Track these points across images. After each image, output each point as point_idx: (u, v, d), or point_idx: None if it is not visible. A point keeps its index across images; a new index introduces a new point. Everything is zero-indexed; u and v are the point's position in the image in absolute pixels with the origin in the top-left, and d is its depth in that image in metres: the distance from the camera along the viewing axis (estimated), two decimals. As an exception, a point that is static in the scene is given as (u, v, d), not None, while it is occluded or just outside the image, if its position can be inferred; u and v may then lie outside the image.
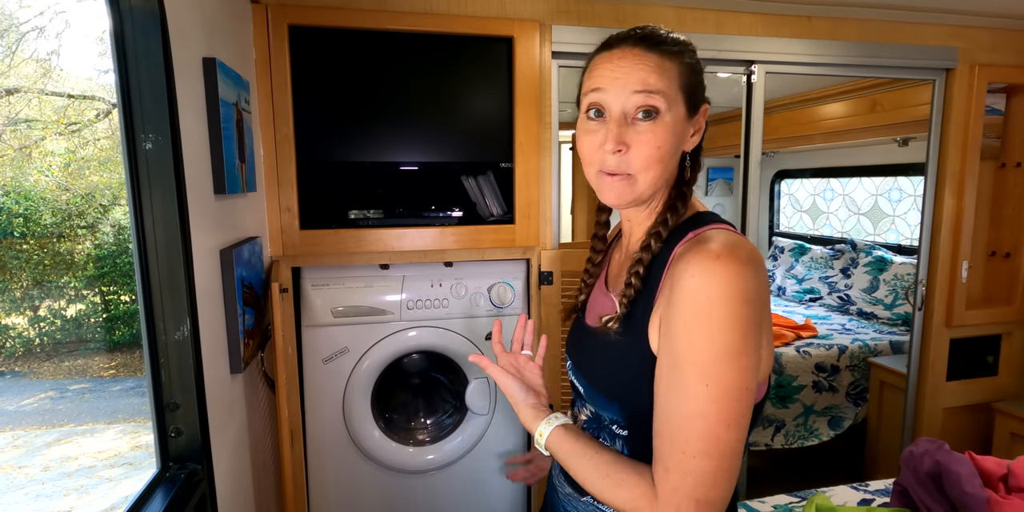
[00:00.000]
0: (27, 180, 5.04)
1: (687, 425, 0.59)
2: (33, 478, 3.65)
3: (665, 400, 0.62)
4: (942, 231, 1.95)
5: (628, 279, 0.70)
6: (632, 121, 0.67)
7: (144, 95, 0.83)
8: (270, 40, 1.45)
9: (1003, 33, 1.91)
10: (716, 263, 0.59)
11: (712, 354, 0.58)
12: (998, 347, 2.10)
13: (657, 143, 0.66)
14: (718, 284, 0.58)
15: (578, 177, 3.75)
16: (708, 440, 0.58)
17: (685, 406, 0.59)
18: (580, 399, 0.81)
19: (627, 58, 0.67)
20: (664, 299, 0.64)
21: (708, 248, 0.61)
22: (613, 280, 0.81)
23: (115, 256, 5.09)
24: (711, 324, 0.58)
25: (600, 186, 0.71)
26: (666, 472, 0.60)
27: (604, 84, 0.68)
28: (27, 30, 5.09)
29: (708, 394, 0.58)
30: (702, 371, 0.59)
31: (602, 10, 1.65)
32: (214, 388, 1.00)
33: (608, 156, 0.67)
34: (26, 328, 5.02)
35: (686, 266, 0.61)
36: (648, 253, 0.70)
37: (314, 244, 1.55)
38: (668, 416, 0.61)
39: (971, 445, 2.12)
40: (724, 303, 0.58)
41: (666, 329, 0.62)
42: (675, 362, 0.60)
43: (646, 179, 0.68)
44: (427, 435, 1.78)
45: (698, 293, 0.59)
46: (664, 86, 0.66)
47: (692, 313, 0.59)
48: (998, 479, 1.18)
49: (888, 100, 2.44)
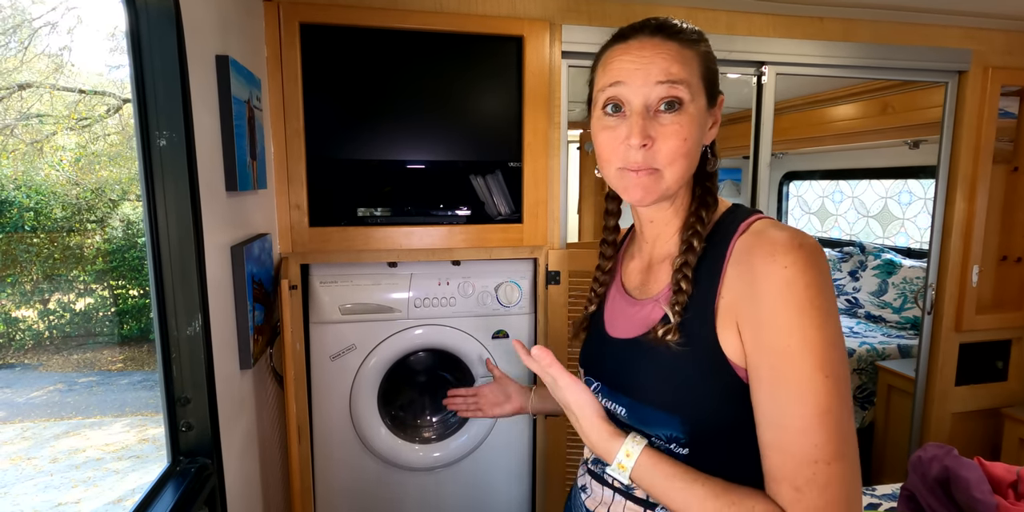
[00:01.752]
0: (38, 174, 5.09)
1: (813, 427, 0.53)
2: (42, 469, 3.70)
3: (773, 407, 0.56)
4: (953, 235, 1.94)
5: (677, 284, 0.64)
6: (655, 114, 0.63)
7: (159, 92, 0.84)
8: (281, 38, 1.46)
9: (1018, 35, 1.89)
10: (802, 251, 0.56)
11: (825, 344, 0.54)
12: (1008, 352, 2.08)
13: (683, 135, 0.63)
14: (812, 272, 0.56)
15: (586, 177, 3.74)
16: (839, 439, 0.53)
17: (806, 407, 0.54)
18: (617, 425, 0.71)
19: (646, 48, 0.64)
20: (735, 297, 0.60)
21: (785, 237, 0.58)
22: (638, 288, 0.74)
23: (124, 251, 5.13)
24: (817, 313, 0.55)
25: (624, 183, 0.66)
26: (798, 492, 0.54)
27: (623, 77, 0.64)
28: (39, 26, 5.13)
29: (828, 387, 0.54)
30: (820, 363, 0.54)
31: (612, 10, 1.65)
32: (224, 383, 1.01)
33: (632, 151, 0.63)
34: (36, 321, 5.07)
35: (771, 258, 0.57)
36: (694, 254, 0.65)
37: (323, 241, 1.56)
38: (782, 424, 0.55)
39: (980, 451, 2.10)
40: (821, 290, 0.55)
41: (759, 328, 0.57)
42: (784, 360, 0.55)
43: (673, 174, 0.64)
44: (433, 433, 1.79)
45: (796, 283, 0.55)
46: (687, 75, 0.63)
47: (796, 305, 0.55)
48: (1007, 485, 1.18)
49: (899, 102, 2.42)
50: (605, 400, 0.72)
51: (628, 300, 0.75)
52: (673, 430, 0.64)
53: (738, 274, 0.60)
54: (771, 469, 0.56)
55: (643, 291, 0.73)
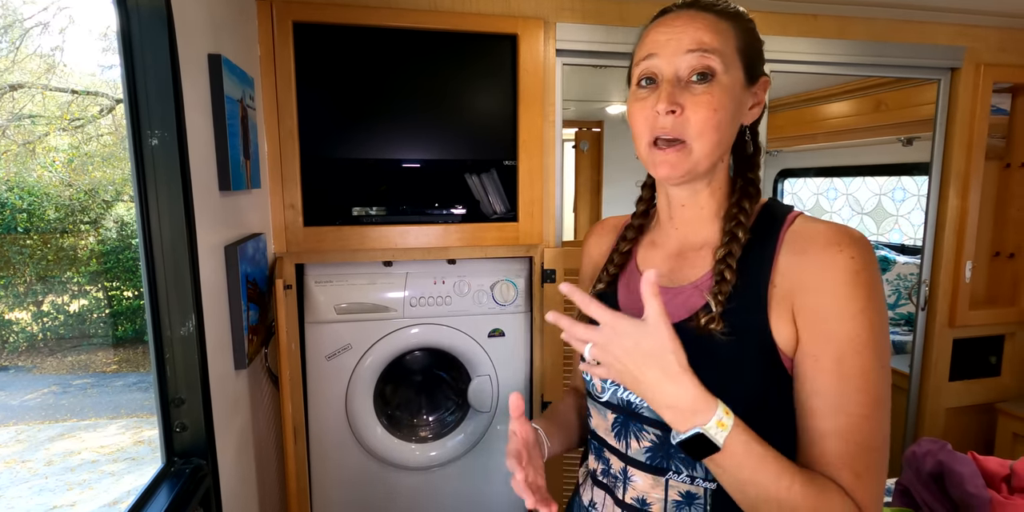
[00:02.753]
0: (31, 175, 5.05)
1: (873, 416, 0.55)
2: (36, 472, 3.67)
3: (838, 395, 0.56)
4: (946, 231, 1.95)
5: (720, 274, 0.63)
6: (687, 84, 0.62)
7: (150, 92, 0.83)
8: (275, 37, 1.45)
9: (1011, 33, 1.90)
10: (863, 244, 0.58)
11: (885, 335, 0.57)
12: (1001, 348, 2.10)
13: (714, 106, 0.61)
14: (873, 265, 0.57)
15: (581, 176, 3.75)
16: (885, 429, 0.56)
17: (869, 395, 0.55)
18: (636, 420, 0.67)
19: (680, 19, 0.64)
20: (791, 286, 0.60)
21: (845, 229, 0.59)
22: (667, 276, 0.71)
23: (118, 252, 5.10)
24: (879, 305, 0.57)
25: (652, 159, 0.65)
26: (859, 478, 0.55)
27: (656, 49, 0.64)
28: (31, 25, 5.09)
29: (884, 377, 0.56)
30: (880, 354, 0.56)
31: (606, 8, 1.64)
32: (219, 384, 1.00)
33: (660, 118, 0.62)
34: (29, 323, 5.03)
35: (837, 248, 0.58)
36: (739, 245, 0.64)
37: (318, 241, 1.56)
38: (848, 412, 0.56)
39: (973, 445, 2.11)
40: (879, 282, 0.57)
41: (824, 318, 0.57)
42: (852, 350, 0.56)
43: (702, 147, 0.62)
44: (429, 432, 1.79)
45: (862, 274, 0.56)
46: (719, 45, 0.62)
47: (863, 296, 0.56)
48: (1001, 479, 1.18)
49: (893, 99, 2.43)
50: (628, 392, 0.67)
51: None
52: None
53: (796, 263, 0.60)
54: (830, 456, 0.56)
55: (675, 279, 0.70)
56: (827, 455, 0.56)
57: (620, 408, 0.69)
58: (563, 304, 1.70)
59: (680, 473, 0.64)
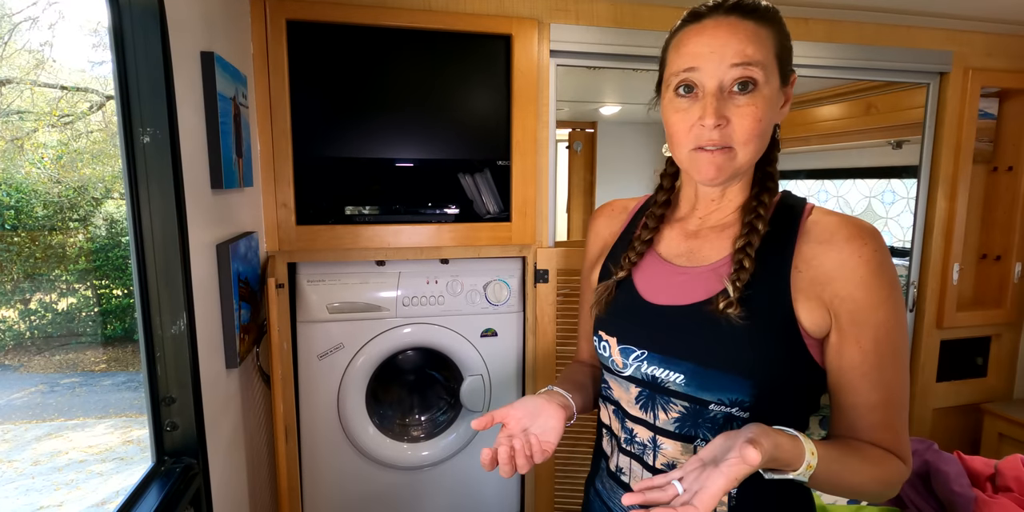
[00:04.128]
0: (19, 172, 5.00)
1: (905, 382, 0.66)
2: (23, 472, 3.63)
3: (880, 370, 0.64)
4: (934, 233, 1.97)
5: (739, 263, 0.66)
6: (729, 94, 0.64)
7: (142, 89, 0.83)
8: (268, 35, 1.45)
9: (997, 38, 1.92)
10: (879, 237, 0.64)
11: (905, 314, 0.65)
12: (987, 349, 2.12)
13: (758, 116, 0.63)
14: (888, 255, 0.64)
15: (574, 176, 3.76)
16: (908, 388, 0.67)
17: (901, 367, 0.65)
18: (663, 394, 0.70)
19: (721, 28, 0.64)
20: (819, 274, 0.65)
21: (864, 223, 0.65)
22: (684, 256, 0.74)
23: (107, 250, 5.06)
24: (899, 289, 0.64)
25: (696, 162, 0.66)
26: (897, 435, 0.66)
27: (698, 62, 0.64)
28: (20, 20, 5.04)
29: (907, 349, 0.66)
30: (905, 331, 0.65)
31: (600, 9, 1.65)
32: (210, 383, 1.00)
33: (706, 131, 0.64)
34: (16, 321, 4.98)
35: (861, 241, 0.63)
36: (758, 237, 0.67)
37: (310, 240, 1.55)
38: (890, 384, 0.65)
39: (960, 445, 2.14)
40: (895, 269, 0.65)
41: (858, 305, 0.63)
42: (886, 331, 0.64)
43: (746, 153, 0.65)
44: (422, 431, 1.79)
45: (884, 265, 0.63)
46: (762, 56, 0.63)
47: (888, 283, 0.63)
48: (986, 478, 1.20)
49: (883, 103, 2.45)
50: (654, 368, 0.70)
51: (670, 268, 0.74)
52: (741, 394, 0.65)
53: (821, 252, 0.65)
54: (877, 423, 0.66)
55: (691, 259, 0.73)
56: (874, 423, 0.65)
57: (645, 383, 0.72)
58: (555, 305, 1.70)
59: (707, 440, 0.68)
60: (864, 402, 0.65)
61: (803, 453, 0.58)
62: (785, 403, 0.68)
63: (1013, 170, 2.03)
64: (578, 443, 1.74)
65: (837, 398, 0.68)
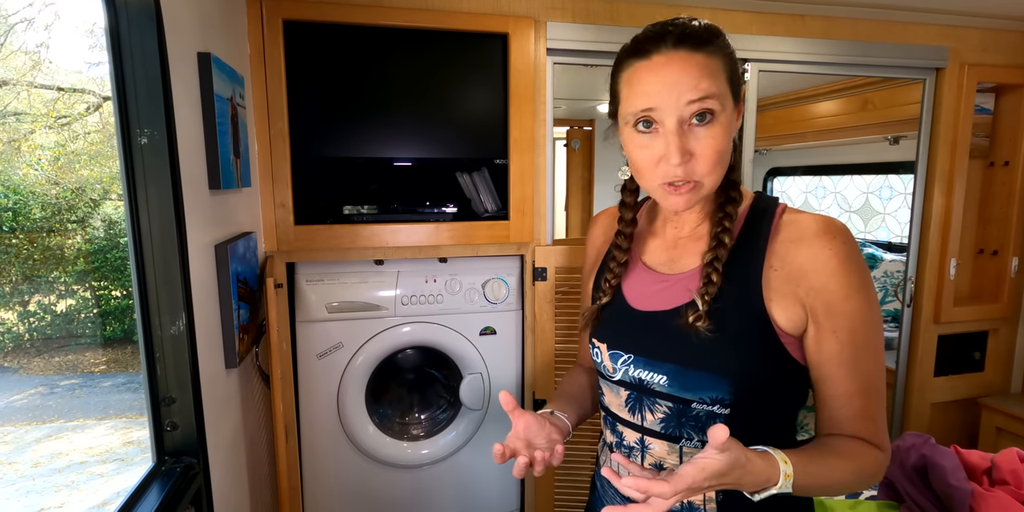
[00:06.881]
0: (16, 174, 4.99)
1: (880, 370, 0.68)
2: (23, 474, 3.64)
3: (857, 359, 0.66)
4: (931, 229, 1.97)
5: (707, 277, 0.68)
6: (689, 127, 0.64)
7: (139, 90, 0.83)
8: (264, 35, 1.45)
9: (993, 33, 1.93)
10: (846, 232, 0.66)
11: (877, 303, 0.67)
12: (985, 343, 2.13)
13: (718, 147, 0.65)
14: (857, 248, 0.66)
15: (572, 174, 3.76)
16: (884, 374, 0.69)
17: (876, 354, 0.67)
18: (649, 396, 0.73)
19: (673, 64, 0.63)
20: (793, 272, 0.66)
21: (832, 221, 0.67)
22: (665, 264, 0.76)
23: (106, 251, 5.05)
24: (869, 279, 0.66)
25: (666, 198, 0.68)
26: (875, 422, 0.67)
27: (654, 102, 0.64)
28: (16, 21, 5.02)
29: (882, 336, 0.68)
30: (878, 319, 0.67)
31: (597, 8, 1.65)
32: (209, 383, 1.00)
33: (672, 169, 0.65)
34: (15, 323, 4.97)
35: (829, 237, 0.65)
36: (724, 250, 0.69)
37: (308, 239, 1.55)
38: (866, 372, 0.67)
39: (957, 439, 2.15)
40: (864, 262, 0.67)
41: (832, 299, 0.65)
42: (860, 321, 0.66)
43: (711, 182, 0.67)
44: (421, 430, 1.79)
45: (852, 255, 0.65)
46: (717, 88, 0.63)
47: (858, 276, 0.65)
48: (982, 472, 1.21)
49: (879, 99, 2.45)
50: (640, 370, 0.73)
51: (654, 276, 0.77)
52: (720, 393, 0.68)
53: (793, 250, 0.67)
54: (856, 412, 0.67)
55: (672, 267, 0.76)
56: (855, 412, 0.67)
57: (633, 385, 0.75)
58: (553, 303, 1.71)
59: (692, 440, 0.71)
60: (844, 392, 0.67)
61: (776, 463, 0.60)
62: (765, 399, 0.70)
63: (1009, 165, 2.04)
64: (578, 443, 1.75)
65: (819, 390, 0.70)
